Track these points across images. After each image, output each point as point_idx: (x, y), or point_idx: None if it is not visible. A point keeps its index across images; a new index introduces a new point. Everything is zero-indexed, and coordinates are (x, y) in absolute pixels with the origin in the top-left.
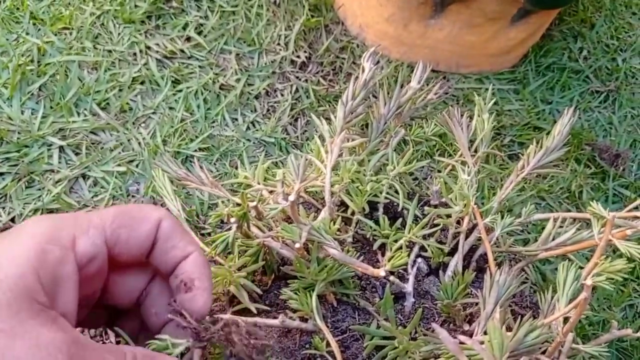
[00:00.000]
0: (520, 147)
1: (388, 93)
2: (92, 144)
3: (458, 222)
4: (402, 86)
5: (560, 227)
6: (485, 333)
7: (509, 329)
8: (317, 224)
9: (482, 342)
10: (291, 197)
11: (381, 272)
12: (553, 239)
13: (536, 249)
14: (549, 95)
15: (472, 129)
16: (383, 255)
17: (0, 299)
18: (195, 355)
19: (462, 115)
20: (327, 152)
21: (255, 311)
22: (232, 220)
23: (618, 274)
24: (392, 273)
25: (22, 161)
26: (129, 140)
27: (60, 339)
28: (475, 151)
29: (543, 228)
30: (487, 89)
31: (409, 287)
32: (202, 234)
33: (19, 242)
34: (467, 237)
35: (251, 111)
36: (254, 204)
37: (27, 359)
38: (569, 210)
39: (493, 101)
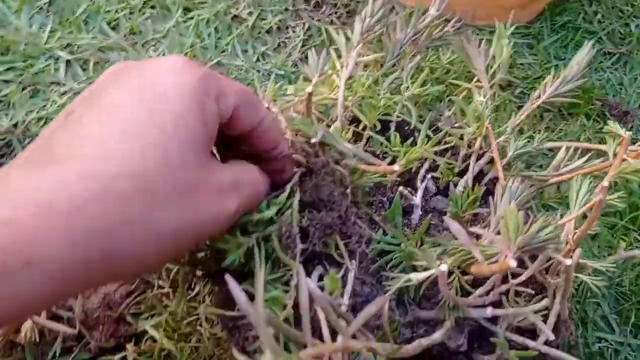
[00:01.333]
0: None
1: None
2: (100, 61)
3: (469, 146)
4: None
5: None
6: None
7: None
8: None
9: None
10: (308, 89)
11: (395, 167)
12: (564, 167)
13: (547, 174)
14: (562, 52)
15: (490, 56)
16: (393, 173)
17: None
18: None
19: (480, 42)
20: (343, 65)
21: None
22: None
23: (636, 174)
24: (400, 183)
25: (28, 72)
26: None
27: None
28: (492, 78)
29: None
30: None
31: (417, 199)
32: None
33: (177, 94)
34: (478, 159)
35: (262, 44)
36: (266, 105)
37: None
38: None
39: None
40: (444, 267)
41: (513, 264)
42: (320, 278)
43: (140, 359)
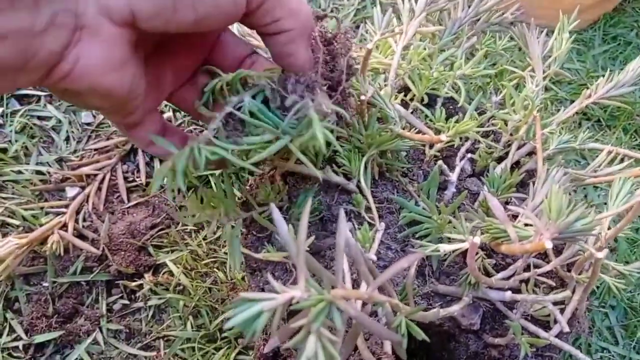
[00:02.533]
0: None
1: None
2: None
3: (511, 134)
4: None
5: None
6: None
7: None
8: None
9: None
10: (369, 45)
11: (442, 137)
12: (603, 170)
13: (585, 173)
14: (610, 63)
15: (548, 48)
16: (431, 147)
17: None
18: None
19: (540, 32)
20: (402, 32)
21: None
22: None
23: None
24: (438, 159)
25: None
26: None
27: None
28: (547, 69)
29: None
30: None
31: (453, 176)
32: None
33: None
34: (519, 148)
35: (315, 5)
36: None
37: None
38: None
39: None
40: (477, 239)
41: (549, 244)
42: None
43: (156, 290)
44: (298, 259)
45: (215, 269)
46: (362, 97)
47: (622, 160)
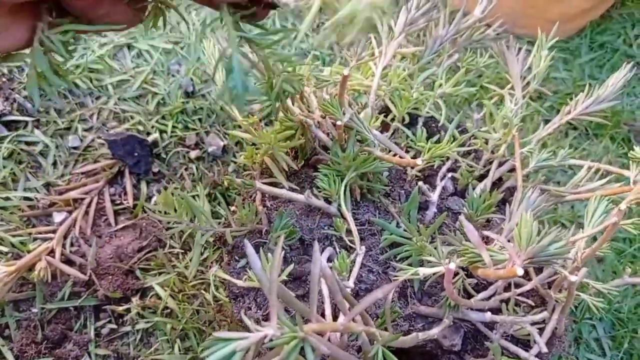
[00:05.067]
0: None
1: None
2: None
3: (492, 152)
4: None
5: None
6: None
7: None
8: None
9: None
10: (345, 71)
11: (418, 161)
12: (583, 186)
13: (565, 190)
14: (596, 72)
15: (527, 65)
16: (412, 167)
17: None
18: None
19: (519, 50)
20: (382, 53)
21: (286, 185)
22: None
23: None
24: (420, 178)
25: None
26: (178, 23)
27: None
28: (526, 87)
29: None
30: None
31: (434, 197)
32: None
33: None
34: (499, 166)
35: (301, 23)
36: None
37: None
38: None
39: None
40: (452, 265)
41: (520, 271)
42: (330, 259)
43: (143, 313)
44: (270, 297)
45: (202, 291)
46: (339, 123)
47: (603, 176)
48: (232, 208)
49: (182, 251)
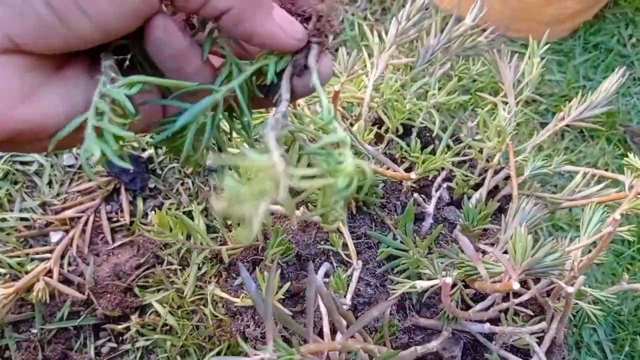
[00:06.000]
0: (554, 117)
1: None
2: None
3: (487, 161)
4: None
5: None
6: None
7: None
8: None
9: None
10: (336, 87)
11: (412, 175)
12: (579, 193)
13: (561, 197)
14: (591, 73)
15: (520, 72)
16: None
17: None
18: None
19: (511, 57)
20: (373, 65)
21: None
22: None
23: None
24: (415, 189)
25: None
26: None
27: None
28: (519, 94)
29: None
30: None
31: (430, 208)
32: None
33: None
34: (494, 174)
35: None
36: None
37: None
38: None
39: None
40: (449, 280)
41: (516, 286)
42: (327, 275)
43: (143, 331)
44: (266, 321)
45: (201, 306)
46: None
47: (599, 181)
48: (229, 222)
49: (180, 267)
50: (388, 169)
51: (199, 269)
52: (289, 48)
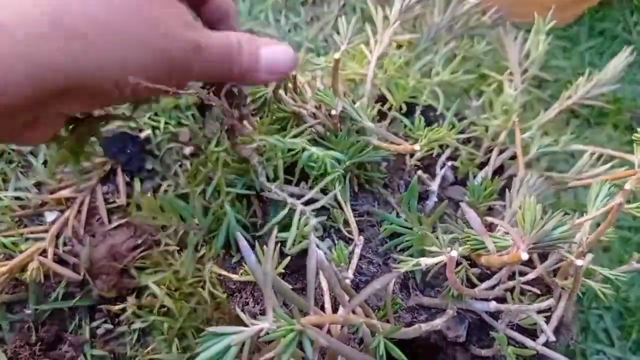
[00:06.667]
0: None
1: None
2: None
3: (493, 139)
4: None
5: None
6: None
7: None
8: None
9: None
10: (336, 55)
11: (416, 147)
12: (587, 172)
13: (568, 176)
14: (596, 59)
15: (525, 50)
16: (411, 156)
17: None
18: None
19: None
20: (377, 41)
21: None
22: None
23: None
24: (419, 168)
25: None
26: None
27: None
28: (525, 72)
29: None
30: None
31: (434, 186)
32: None
33: None
34: (500, 153)
35: (295, 15)
36: (293, 73)
37: None
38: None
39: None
40: (454, 253)
41: (525, 256)
42: (329, 250)
43: (139, 313)
44: (265, 290)
45: (199, 288)
46: (333, 112)
47: (606, 162)
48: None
49: (178, 248)
50: (391, 144)
51: (197, 250)
52: None
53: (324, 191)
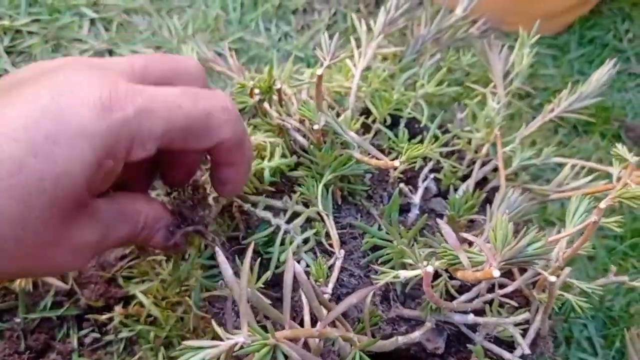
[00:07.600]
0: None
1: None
2: (124, 22)
3: (476, 152)
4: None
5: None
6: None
7: None
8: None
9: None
10: (319, 71)
11: (396, 163)
12: (568, 184)
13: (549, 189)
14: (586, 67)
15: (510, 63)
16: (395, 169)
17: (52, 211)
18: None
19: (502, 48)
20: (361, 54)
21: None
22: (256, 92)
23: (634, 201)
24: (402, 181)
25: (52, 25)
26: (160, 27)
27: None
28: (509, 85)
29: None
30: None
31: (416, 198)
32: None
33: (76, 145)
34: (482, 165)
35: (286, 24)
36: (278, 86)
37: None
38: None
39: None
40: (430, 268)
41: (496, 273)
42: (308, 264)
43: (126, 322)
44: (240, 304)
45: (186, 297)
46: (315, 127)
47: (589, 173)
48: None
49: (166, 258)
50: (373, 158)
51: (184, 259)
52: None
53: (306, 204)
